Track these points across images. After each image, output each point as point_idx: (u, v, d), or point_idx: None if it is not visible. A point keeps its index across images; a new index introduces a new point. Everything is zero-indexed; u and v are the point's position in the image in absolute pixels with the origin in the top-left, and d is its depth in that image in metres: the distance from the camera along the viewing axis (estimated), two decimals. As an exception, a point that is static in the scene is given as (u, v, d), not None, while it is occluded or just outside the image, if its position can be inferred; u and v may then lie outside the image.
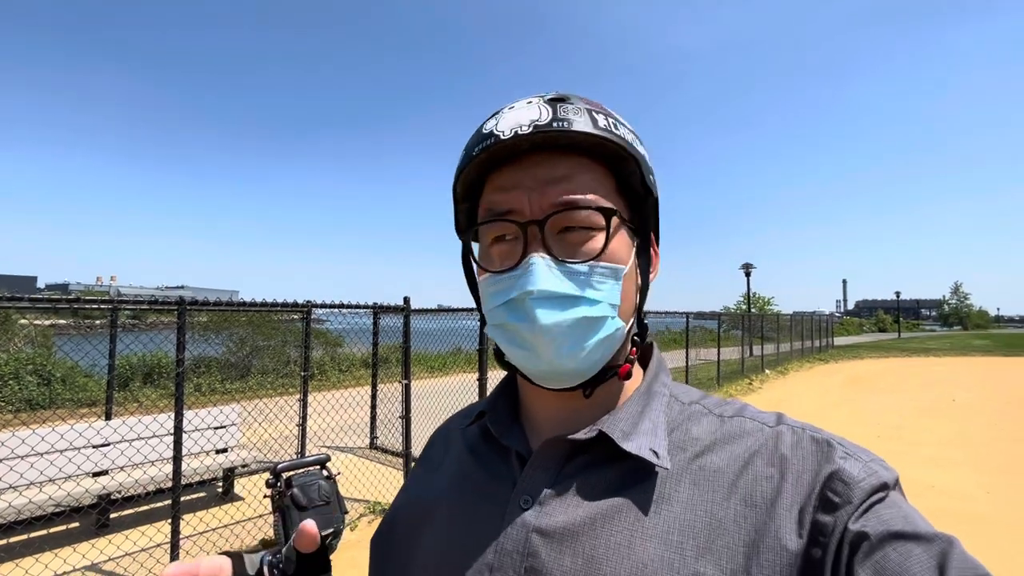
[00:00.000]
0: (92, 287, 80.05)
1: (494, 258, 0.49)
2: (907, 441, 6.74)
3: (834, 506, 0.39)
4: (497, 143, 0.46)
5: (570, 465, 0.48)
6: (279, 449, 6.13)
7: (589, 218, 0.46)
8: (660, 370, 0.55)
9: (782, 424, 0.46)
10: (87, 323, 13.91)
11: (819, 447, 0.43)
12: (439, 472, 0.58)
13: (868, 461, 0.41)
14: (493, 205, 0.48)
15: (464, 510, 0.51)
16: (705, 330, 14.05)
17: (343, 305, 5.08)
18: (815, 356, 20.44)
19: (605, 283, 0.47)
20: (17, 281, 71.42)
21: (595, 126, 0.46)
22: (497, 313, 0.48)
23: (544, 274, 0.45)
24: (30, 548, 3.52)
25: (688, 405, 0.51)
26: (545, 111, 0.46)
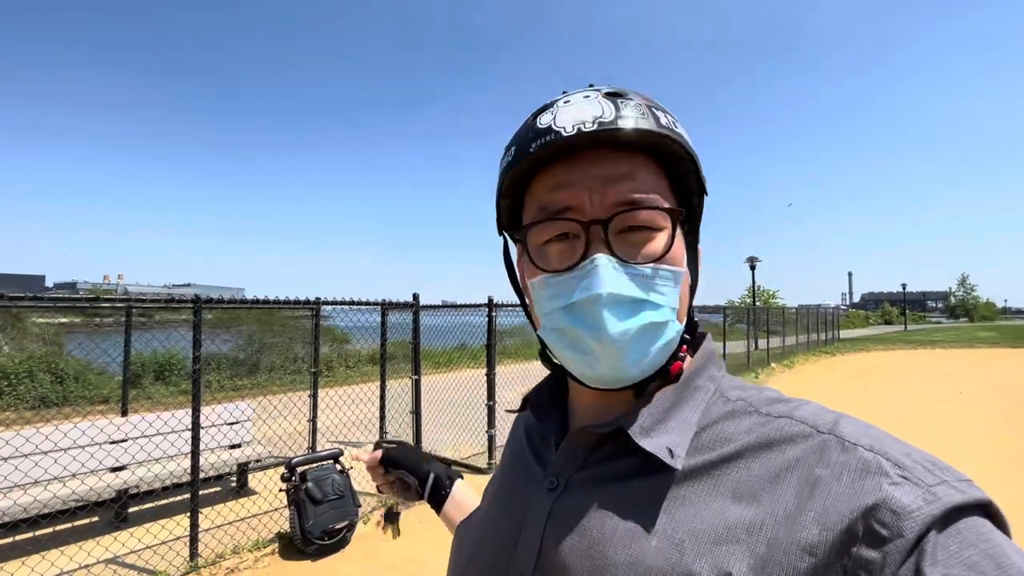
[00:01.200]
0: (100, 285, 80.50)
1: (551, 257, 0.47)
2: (913, 434, 6.73)
3: (881, 540, 0.33)
4: (558, 139, 0.44)
5: (594, 454, 0.49)
6: (290, 445, 6.21)
7: (653, 218, 0.45)
8: (707, 363, 0.51)
9: (833, 433, 0.40)
10: (96, 321, 14.07)
11: (865, 468, 0.36)
12: (506, 452, 0.64)
13: (932, 485, 0.34)
14: (549, 204, 0.46)
15: (509, 486, 0.57)
16: (710, 324, 14.02)
17: (352, 302, 5.14)
18: (821, 349, 20.38)
19: (667, 286, 0.46)
20: (26, 280, 71.95)
21: (658, 124, 0.45)
22: (557, 316, 0.46)
23: (610, 276, 0.43)
24: (55, 541, 3.61)
25: (734, 402, 0.47)
26: (608, 107, 0.44)
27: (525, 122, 0.49)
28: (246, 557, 3.54)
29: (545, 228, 0.47)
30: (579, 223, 0.45)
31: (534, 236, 0.48)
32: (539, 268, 0.48)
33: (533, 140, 0.46)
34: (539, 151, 0.45)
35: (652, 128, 0.44)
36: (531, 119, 0.48)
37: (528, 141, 0.46)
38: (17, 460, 3.53)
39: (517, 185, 0.50)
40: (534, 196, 0.49)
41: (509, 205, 0.52)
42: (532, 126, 0.47)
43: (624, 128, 0.43)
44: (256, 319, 12.21)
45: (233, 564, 3.45)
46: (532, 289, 0.49)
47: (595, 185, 0.45)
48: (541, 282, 0.47)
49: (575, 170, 0.46)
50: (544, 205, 0.47)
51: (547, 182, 0.47)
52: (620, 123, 0.44)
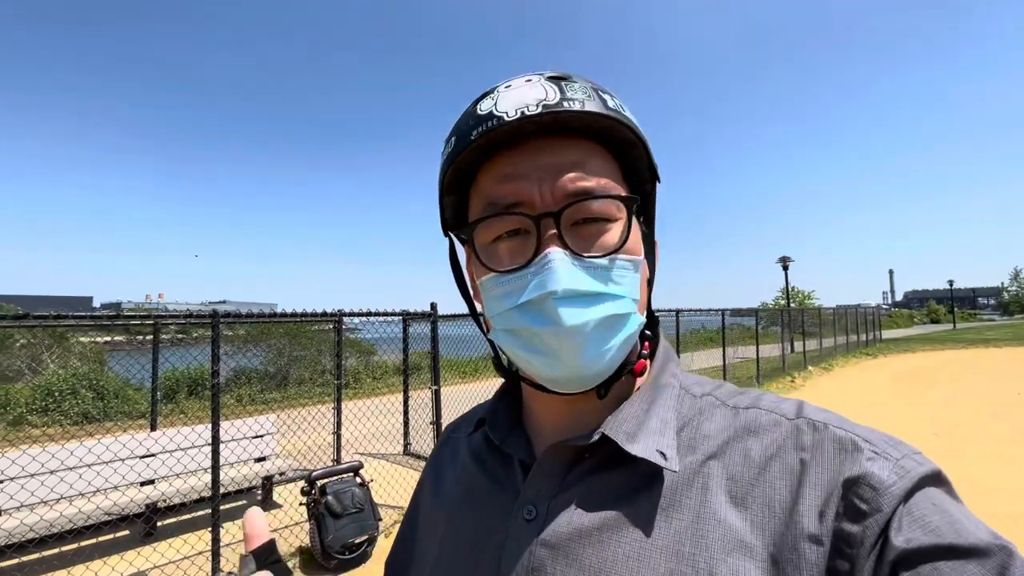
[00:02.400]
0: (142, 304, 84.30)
1: (502, 256, 0.44)
2: (967, 439, 6.32)
3: (862, 514, 0.35)
4: (500, 125, 0.41)
5: (574, 471, 0.44)
6: (318, 456, 6.24)
7: (607, 208, 0.43)
8: (668, 360, 0.50)
9: (801, 417, 0.41)
10: (139, 339, 14.64)
11: (841, 446, 0.38)
12: (445, 482, 0.56)
13: (899, 459, 0.37)
14: (496, 198, 0.43)
15: (469, 521, 0.49)
16: (742, 327, 13.60)
17: (373, 313, 5.15)
18: (862, 351, 19.53)
19: (625, 276, 0.43)
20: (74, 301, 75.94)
21: (605, 107, 0.42)
22: (509, 317, 0.43)
23: (566, 271, 0.40)
24: (80, 556, 3.67)
25: (700, 398, 0.47)
26: (552, 90, 0.42)
27: (465, 110, 0.45)
28: (267, 572, 3.52)
29: (493, 224, 0.44)
30: (529, 217, 0.42)
31: (481, 234, 0.45)
32: (488, 268, 0.44)
33: (474, 128, 0.42)
34: (480, 139, 0.42)
35: (600, 111, 0.42)
36: (471, 106, 0.45)
37: (469, 129, 0.43)
38: (44, 476, 3.62)
39: (460, 179, 0.47)
40: (480, 190, 0.46)
41: (454, 201, 0.49)
42: (472, 113, 0.43)
43: (571, 110, 0.41)
44: (285, 333, 12.47)
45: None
46: (482, 290, 0.46)
47: (544, 176, 0.42)
48: (492, 282, 0.44)
49: (522, 160, 0.43)
50: (491, 199, 0.44)
51: (492, 174, 0.44)
52: (566, 105, 0.41)
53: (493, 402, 0.55)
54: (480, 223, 0.44)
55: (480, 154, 0.44)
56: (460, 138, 0.43)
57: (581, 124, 0.42)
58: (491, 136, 0.41)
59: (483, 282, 0.46)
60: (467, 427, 0.59)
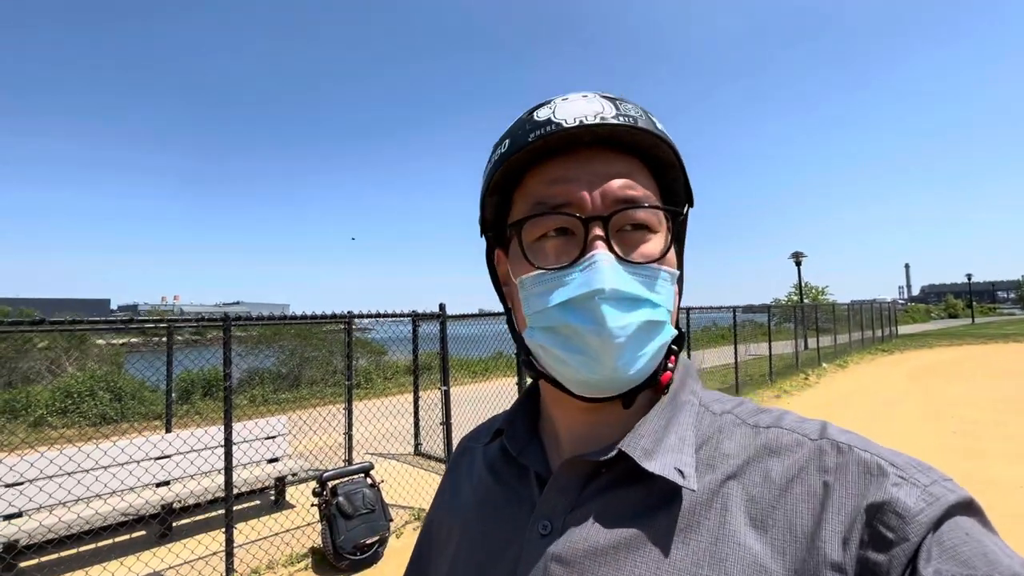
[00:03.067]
0: (158, 306, 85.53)
1: (548, 253, 0.45)
2: (988, 437, 6.18)
3: (887, 543, 0.34)
4: (559, 130, 0.43)
5: (591, 486, 0.44)
6: (329, 457, 6.29)
7: (649, 218, 0.45)
8: (688, 376, 0.50)
9: (825, 438, 0.41)
10: (154, 341, 14.86)
11: (867, 470, 0.37)
12: (461, 494, 0.57)
13: (928, 485, 0.35)
14: (546, 198, 0.45)
15: (484, 534, 0.49)
16: (755, 324, 13.45)
17: (382, 315, 5.18)
18: (877, 347, 19.20)
19: (665, 287, 0.45)
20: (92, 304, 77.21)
21: (655, 127, 0.45)
22: (550, 314, 0.44)
23: (612, 272, 0.42)
24: (97, 557, 3.73)
25: (720, 416, 0.46)
26: (608, 106, 0.44)
27: (520, 118, 0.48)
28: (280, 572, 3.56)
29: (541, 223, 0.45)
30: (578, 219, 0.43)
31: (528, 232, 0.46)
32: (533, 265, 0.45)
33: (531, 131, 0.44)
34: (538, 141, 0.43)
35: (650, 129, 0.44)
36: (527, 114, 0.47)
37: (525, 133, 0.45)
38: (61, 478, 3.69)
39: (508, 180, 0.48)
40: (528, 191, 0.47)
41: (496, 202, 0.50)
42: (529, 119, 0.46)
43: (626, 125, 0.43)
44: (297, 334, 12.58)
45: (267, 579, 3.46)
46: (522, 287, 0.47)
47: (595, 181, 0.44)
48: (534, 279, 0.45)
49: (574, 166, 0.45)
50: (541, 199, 0.45)
51: (542, 177, 0.46)
52: (621, 119, 0.43)
53: (511, 412, 0.55)
54: (528, 220, 0.45)
55: (533, 157, 0.46)
56: (515, 140, 0.45)
57: (632, 140, 0.45)
58: (549, 140, 0.43)
59: (524, 280, 0.46)
60: (485, 437, 0.59)
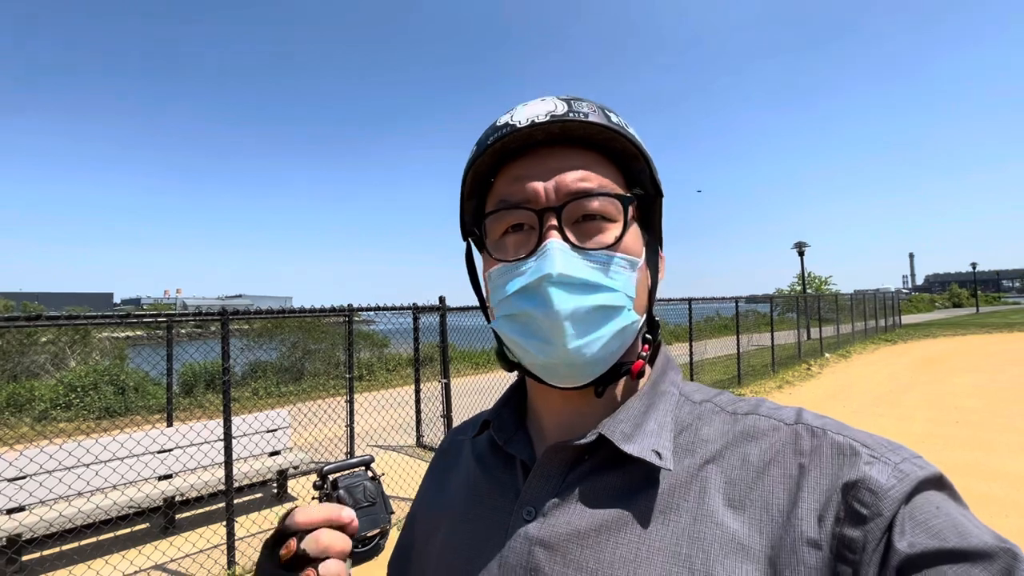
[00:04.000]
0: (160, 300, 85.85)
1: (508, 247, 0.48)
2: (991, 428, 6.15)
3: (862, 518, 0.35)
4: (513, 131, 0.46)
5: (574, 472, 0.46)
6: (332, 449, 6.31)
7: (605, 207, 0.46)
8: (668, 368, 0.52)
9: (800, 423, 0.43)
10: (158, 334, 14.93)
11: (839, 451, 0.39)
12: (448, 486, 0.58)
13: (899, 463, 0.37)
14: (507, 196, 0.48)
15: (470, 522, 0.51)
16: (758, 314, 13.40)
17: (383, 308, 5.16)
18: (880, 337, 19.15)
19: (622, 273, 0.46)
20: (96, 298, 77.66)
21: (609, 121, 0.47)
22: (509, 302, 0.46)
23: (563, 258, 0.44)
24: (100, 550, 3.75)
25: (699, 404, 0.49)
26: (560, 105, 0.46)
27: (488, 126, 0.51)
28: (282, 565, 3.57)
29: (502, 218, 0.48)
30: (533, 211, 0.46)
31: (492, 229, 0.49)
32: (496, 259, 0.48)
33: (490, 135, 0.48)
34: (495, 143, 0.47)
35: (602, 123, 0.46)
36: (492, 122, 0.50)
37: (486, 137, 0.48)
38: (62, 473, 3.69)
39: (479, 183, 0.51)
40: (495, 192, 0.50)
41: (473, 206, 0.53)
42: (492, 126, 0.49)
43: (575, 120, 0.45)
44: (299, 326, 12.59)
45: (269, 572, 3.48)
46: (489, 281, 0.50)
47: (549, 176, 0.46)
48: (498, 271, 0.48)
49: (531, 164, 0.48)
50: (503, 198, 0.48)
51: (506, 177, 0.49)
52: (571, 115, 0.45)
53: (499, 404, 0.57)
54: (490, 216, 0.49)
55: (496, 159, 0.49)
56: (479, 145, 0.49)
57: (585, 134, 0.46)
58: (505, 141, 0.46)
59: (490, 273, 0.49)
60: (472, 430, 0.61)
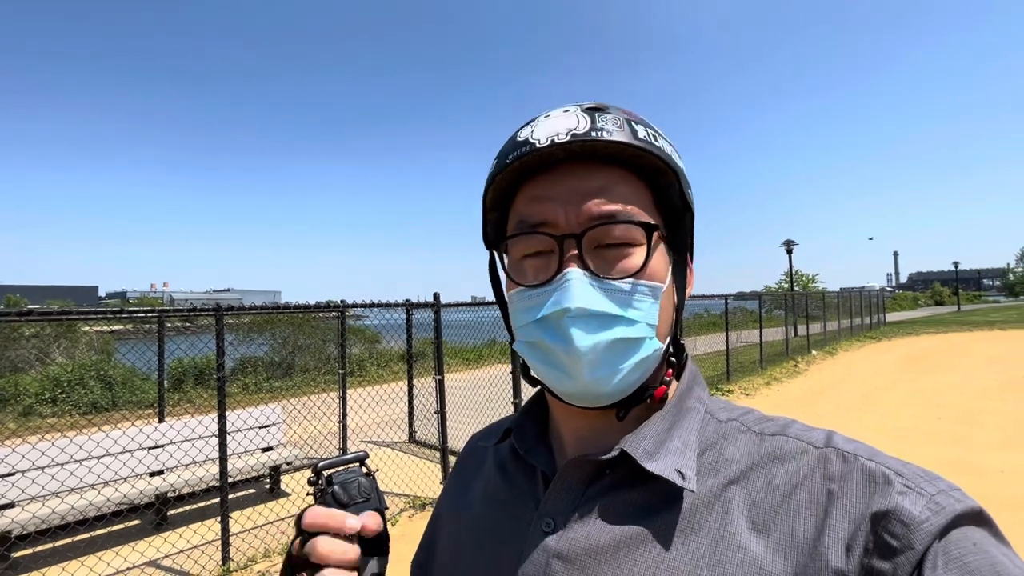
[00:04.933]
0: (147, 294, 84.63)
1: (527, 271, 0.47)
2: (971, 423, 6.32)
3: (892, 551, 0.34)
4: (532, 151, 0.44)
5: (594, 486, 0.46)
6: (324, 445, 6.30)
7: (628, 233, 0.44)
8: (694, 384, 0.51)
9: (830, 447, 0.41)
10: (144, 328, 14.73)
11: (871, 478, 0.37)
12: (471, 489, 0.58)
13: (934, 495, 0.35)
14: (526, 217, 0.46)
15: (490, 529, 0.51)
16: (746, 311, 13.56)
17: (377, 304, 5.16)
18: (866, 334, 19.46)
19: (644, 302, 0.45)
20: (81, 291, 76.35)
21: (635, 137, 0.44)
22: (529, 330, 0.46)
23: (582, 290, 0.43)
24: (93, 547, 3.73)
25: (725, 423, 0.47)
26: (583, 120, 0.44)
27: (510, 136, 0.49)
28: (276, 560, 3.58)
29: (522, 242, 0.47)
30: (553, 237, 0.44)
31: (513, 250, 0.49)
32: (515, 282, 0.48)
33: (510, 152, 0.46)
34: (514, 162, 0.45)
35: (626, 140, 0.44)
36: (514, 133, 0.48)
37: (506, 154, 0.46)
38: (54, 469, 3.66)
39: (501, 198, 0.50)
40: (516, 210, 0.49)
41: (495, 219, 0.52)
42: (513, 139, 0.47)
43: (597, 139, 0.43)
44: (289, 322, 12.50)
45: (264, 567, 3.48)
46: (510, 303, 0.50)
47: (570, 198, 0.45)
48: (517, 295, 0.47)
49: (552, 184, 0.46)
50: (522, 218, 0.47)
51: (526, 195, 0.47)
52: (594, 134, 0.43)
53: (521, 413, 0.56)
54: (511, 239, 0.48)
55: (517, 176, 0.47)
56: (499, 162, 0.47)
57: (609, 152, 0.44)
58: (524, 161, 0.45)
59: (510, 295, 0.49)
60: (495, 436, 0.61)
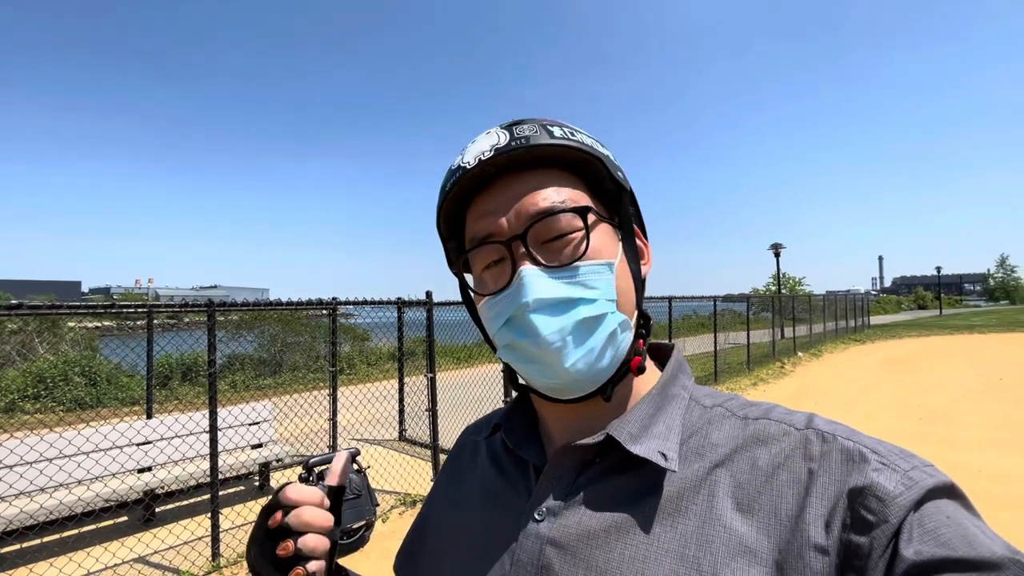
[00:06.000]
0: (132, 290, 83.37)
1: (487, 282, 0.49)
2: (952, 424, 6.47)
3: (869, 525, 0.35)
4: (464, 173, 0.47)
5: (584, 475, 0.47)
6: (313, 442, 6.28)
7: (569, 222, 0.47)
8: (679, 371, 0.52)
9: (810, 428, 0.43)
10: (129, 325, 14.53)
11: (848, 456, 0.39)
12: (464, 483, 0.59)
13: (908, 470, 0.37)
14: (475, 233, 0.49)
15: (483, 520, 0.52)
16: (734, 313, 13.73)
17: (368, 302, 5.14)
18: (850, 337, 19.81)
19: (598, 279, 0.46)
20: (63, 286, 75.07)
21: (551, 137, 0.47)
22: (502, 334, 0.48)
23: (536, 283, 0.45)
24: (81, 543, 3.69)
25: (710, 408, 0.49)
26: (503, 135, 0.47)
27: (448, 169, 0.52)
28: (267, 557, 3.57)
29: (477, 256, 0.49)
30: (501, 243, 0.47)
31: (474, 268, 0.51)
32: (480, 295, 0.50)
33: (448, 179, 0.49)
34: (452, 188, 0.48)
35: (545, 141, 0.47)
36: (449, 165, 0.51)
37: (445, 182, 0.50)
38: (42, 464, 3.62)
39: (453, 225, 0.52)
40: (467, 230, 0.51)
41: (454, 246, 0.54)
42: (449, 169, 0.50)
43: (517, 147, 0.46)
44: (278, 319, 12.42)
45: (254, 564, 3.48)
46: (482, 315, 0.51)
47: (509, 205, 0.47)
48: (485, 306, 0.49)
49: (491, 199, 0.49)
50: (472, 235, 0.49)
51: (473, 215, 0.50)
52: (513, 144, 0.46)
53: (509, 409, 0.57)
54: (466, 256, 0.50)
55: (460, 201, 0.50)
56: (441, 191, 0.50)
57: (532, 157, 0.47)
58: (461, 183, 0.48)
59: (481, 308, 0.51)
60: (485, 431, 0.62)
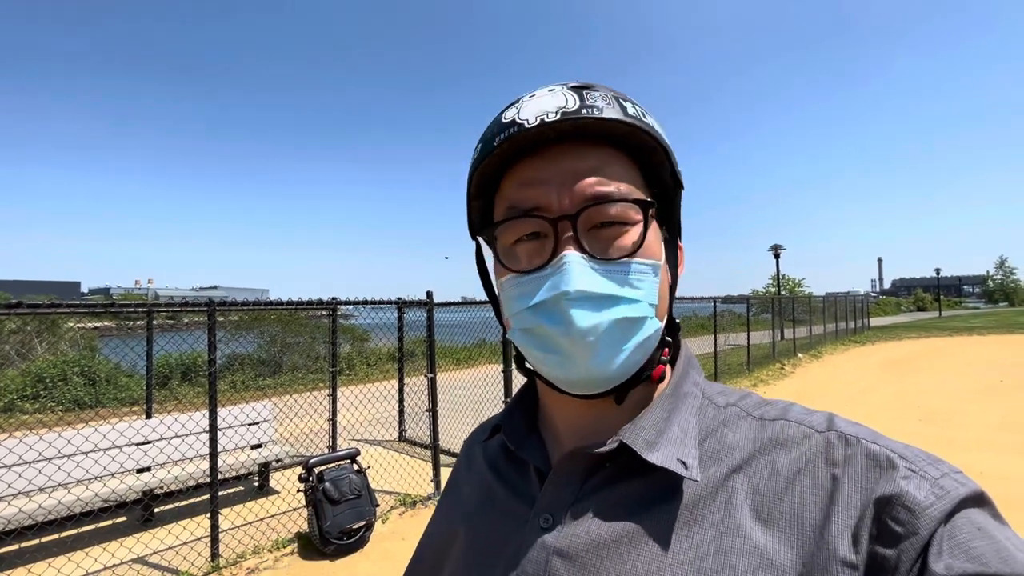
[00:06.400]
0: (131, 290, 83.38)
1: (519, 257, 0.45)
2: (951, 425, 6.46)
3: (897, 537, 0.33)
4: (521, 132, 0.42)
5: (592, 479, 0.44)
6: (312, 442, 6.27)
7: (624, 212, 0.43)
8: (689, 368, 0.49)
9: (832, 430, 0.40)
10: (128, 325, 14.50)
11: (875, 462, 0.37)
12: (464, 493, 0.56)
13: (938, 478, 0.35)
14: (517, 202, 0.44)
15: (486, 530, 0.49)
16: (734, 314, 13.74)
17: (368, 301, 5.13)
18: (850, 338, 19.80)
19: (644, 280, 0.43)
20: (63, 287, 75.11)
21: (625, 114, 0.43)
22: (525, 316, 0.44)
23: (580, 272, 0.41)
24: (80, 543, 3.68)
25: (724, 408, 0.46)
26: (572, 98, 0.43)
27: (492, 119, 0.46)
28: (266, 557, 3.56)
29: (513, 227, 0.45)
30: (547, 220, 0.43)
31: (503, 236, 0.46)
32: (508, 268, 0.46)
33: (497, 134, 0.44)
34: (502, 144, 0.43)
35: (618, 117, 0.42)
36: (498, 115, 0.46)
37: (492, 136, 0.44)
38: (41, 464, 3.61)
39: (486, 184, 0.48)
40: (503, 195, 0.47)
41: (480, 206, 0.50)
42: (497, 121, 0.45)
43: (589, 116, 0.42)
44: (278, 319, 12.41)
45: (253, 564, 3.47)
46: (501, 290, 0.48)
47: (563, 180, 0.43)
48: (510, 282, 0.45)
49: (542, 166, 0.44)
50: (513, 203, 0.45)
51: (515, 179, 0.45)
52: (584, 112, 0.42)
53: (509, 408, 0.55)
54: (501, 225, 0.45)
55: (503, 160, 0.45)
56: (484, 145, 0.45)
57: (600, 130, 0.43)
58: (513, 142, 0.43)
59: (503, 282, 0.47)
60: (482, 433, 0.59)
